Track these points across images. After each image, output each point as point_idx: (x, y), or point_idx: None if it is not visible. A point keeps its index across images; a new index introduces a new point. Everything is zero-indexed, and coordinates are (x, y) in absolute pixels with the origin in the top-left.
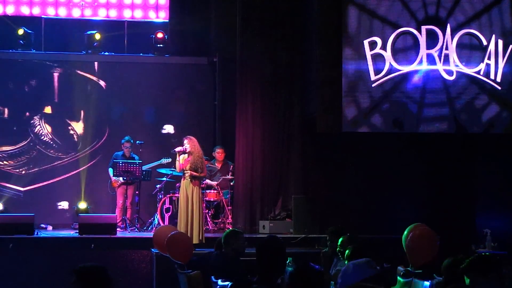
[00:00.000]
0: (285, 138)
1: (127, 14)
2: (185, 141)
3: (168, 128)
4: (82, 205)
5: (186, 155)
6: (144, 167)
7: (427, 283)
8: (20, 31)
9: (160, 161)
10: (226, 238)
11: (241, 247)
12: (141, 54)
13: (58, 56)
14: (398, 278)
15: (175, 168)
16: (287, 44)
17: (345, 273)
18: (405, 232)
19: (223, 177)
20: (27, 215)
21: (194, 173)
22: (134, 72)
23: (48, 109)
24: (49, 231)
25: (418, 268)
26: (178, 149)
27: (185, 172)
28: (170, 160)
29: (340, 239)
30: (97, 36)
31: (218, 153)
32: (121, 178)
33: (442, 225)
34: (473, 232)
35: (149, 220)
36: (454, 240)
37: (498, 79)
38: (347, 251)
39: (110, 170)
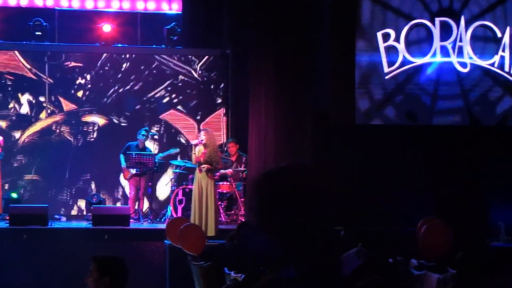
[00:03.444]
0: (297, 130)
1: (140, 6)
2: (202, 133)
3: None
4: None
5: (202, 147)
6: (160, 155)
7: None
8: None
9: (169, 151)
10: (239, 230)
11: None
12: (154, 46)
13: (71, 48)
14: (411, 270)
15: (191, 160)
16: (300, 37)
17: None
18: (418, 225)
19: (236, 168)
20: (41, 206)
21: (210, 167)
22: (147, 63)
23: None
24: (62, 222)
25: (432, 261)
26: (194, 141)
27: (201, 164)
28: (178, 150)
29: (342, 233)
30: (107, 28)
31: (231, 146)
32: (133, 170)
33: (455, 218)
34: (487, 225)
35: (162, 212)
36: (468, 233)
37: None
38: None
39: (122, 157)
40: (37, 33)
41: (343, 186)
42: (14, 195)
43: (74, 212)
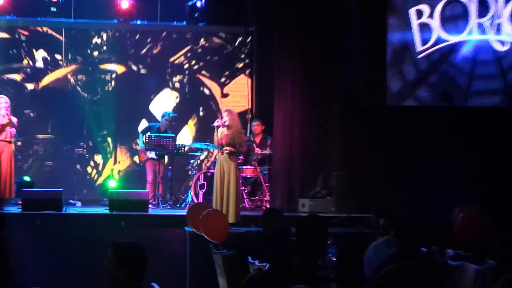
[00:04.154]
0: (326, 112)
1: None
2: (225, 114)
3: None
4: (112, 182)
5: (225, 129)
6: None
7: None
8: None
9: (201, 145)
10: (264, 217)
11: (280, 226)
12: (174, 23)
13: (87, 25)
14: (447, 261)
15: (213, 143)
16: (328, 14)
17: (367, 258)
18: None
19: (261, 152)
20: (55, 190)
21: (233, 150)
22: (167, 41)
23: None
24: (78, 207)
25: (469, 251)
26: (216, 122)
27: (224, 147)
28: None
29: (381, 221)
30: (125, 4)
31: (256, 125)
32: (152, 153)
33: (493, 205)
34: None
35: (182, 197)
36: (507, 221)
37: None
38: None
39: (140, 137)
40: (52, 9)
41: (374, 171)
42: (26, 178)
43: (89, 169)
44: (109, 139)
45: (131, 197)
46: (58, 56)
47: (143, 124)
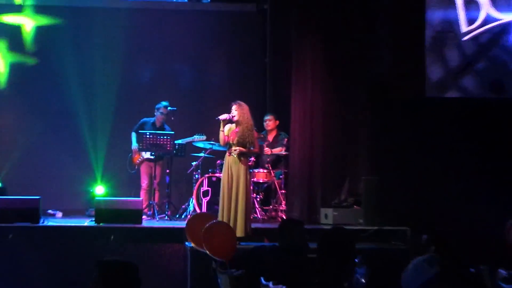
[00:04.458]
0: (352, 105)
1: None
2: (233, 107)
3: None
4: (100, 188)
5: (234, 125)
6: (181, 141)
7: None
8: None
9: (192, 138)
10: (281, 229)
11: (301, 241)
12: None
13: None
14: (500, 283)
15: (218, 141)
16: None
17: (405, 279)
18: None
19: (275, 152)
20: (31, 199)
21: (243, 150)
22: (167, 22)
23: None
24: (58, 218)
25: None
26: (223, 116)
27: (232, 146)
28: (204, 137)
29: (423, 237)
30: None
31: (269, 120)
32: (147, 154)
33: None
34: None
35: (183, 206)
36: None
37: None
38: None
39: (133, 136)
40: None
41: (410, 176)
42: None
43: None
44: (97, 138)
45: (122, 206)
46: None
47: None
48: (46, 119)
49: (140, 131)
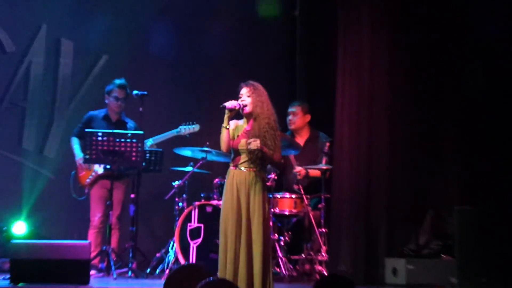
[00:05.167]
0: (431, 102)
1: None
2: (244, 91)
3: None
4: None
5: (243, 121)
6: (151, 140)
7: None
8: None
9: (175, 130)
10: None
11: None
12: None
13: None
14: None
15: (218, 146)
16: None
17: None
18: None
19: (308, 167)
20: None
21: (266, 151)
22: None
23: None
24: None
25: None
26: (230, 103)
27: (239, 156)
28: (196, 128)
29: None
30: None
31: (293, 114)
32: (99, 167)
33: None
34: None
35: (158, 255)
36: None
37: None
38: None
39: (74, 142)
40: None
41: None
42: None
43: None
44: (21, 148)
45: (57, 256)
46: None
47: None
48: None
49: (87, 130)
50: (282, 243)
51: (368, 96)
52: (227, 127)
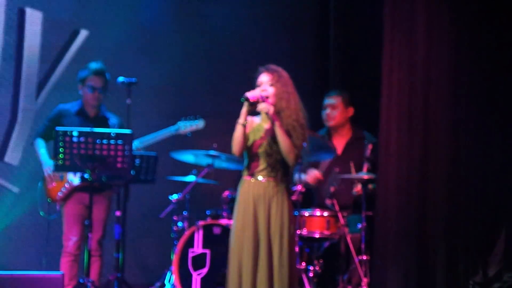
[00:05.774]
0: (505, 103)
1: None
2: (266, 78)
3: None
4: None
5: (262, 117)
6: (138, 142)
7: None
8: None
9: (173, 128)
10: None
11: None
12: None
13: None
14: None
15: (229, 149)
16: None
17: None
18: None
19: (347, 175)
20: None
21: (280, 124)
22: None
23: None
24: None
25: None
26: (253, 93)
27: (256, 158)
28: (201, 124)
29: None
30: None
31: (331, 107)
32: (74, 177)
33: None
34: None
35: None
36: None
37: None
38: None
39: (39, 144)
40: None
41: None
42: None
43: None
44: None
45: None
46: None
47: None
48: None
49: (58, 128)
50: (311, 274)
51: (423, 91)
52: (245, 123)
